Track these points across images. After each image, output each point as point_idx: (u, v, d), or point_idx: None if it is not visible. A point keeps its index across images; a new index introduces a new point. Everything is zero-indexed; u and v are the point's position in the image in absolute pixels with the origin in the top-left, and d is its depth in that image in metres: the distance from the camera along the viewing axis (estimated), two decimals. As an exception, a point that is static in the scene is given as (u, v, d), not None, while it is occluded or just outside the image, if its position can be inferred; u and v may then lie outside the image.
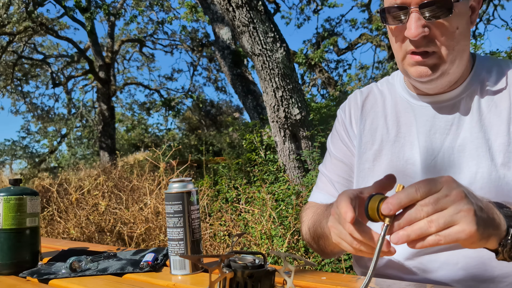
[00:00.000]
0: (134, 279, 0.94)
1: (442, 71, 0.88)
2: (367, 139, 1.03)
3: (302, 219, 1.12)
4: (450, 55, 0.86)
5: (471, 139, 0.89)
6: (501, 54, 7.95)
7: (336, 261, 2.86)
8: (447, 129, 0.93)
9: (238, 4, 4.28)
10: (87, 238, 3.72)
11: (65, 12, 11.79)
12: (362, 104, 1.07)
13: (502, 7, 11.51)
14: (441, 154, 0.92)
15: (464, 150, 0.90)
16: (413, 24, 0.83)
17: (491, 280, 0.86)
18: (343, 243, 0.69)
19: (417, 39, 0.85)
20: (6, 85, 14.01)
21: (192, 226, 0.92)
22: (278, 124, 4.58)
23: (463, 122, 0.91)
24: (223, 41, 7.53)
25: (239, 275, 0.69)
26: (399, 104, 1.01)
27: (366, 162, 1.02)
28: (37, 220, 1.09)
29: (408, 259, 0.93)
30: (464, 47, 0.89)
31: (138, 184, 4.43)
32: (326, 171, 1.13)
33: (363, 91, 1.11)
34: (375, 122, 1.04)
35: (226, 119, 16.31)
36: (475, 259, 0.86)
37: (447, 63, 0.87)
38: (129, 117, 21.01)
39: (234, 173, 5.67)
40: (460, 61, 0.89)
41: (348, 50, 13.37)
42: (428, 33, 0.85)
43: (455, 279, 0.88)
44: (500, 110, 0.89)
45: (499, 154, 0.86)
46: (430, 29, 0.85)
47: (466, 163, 0.89)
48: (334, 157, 1.12)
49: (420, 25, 0.83)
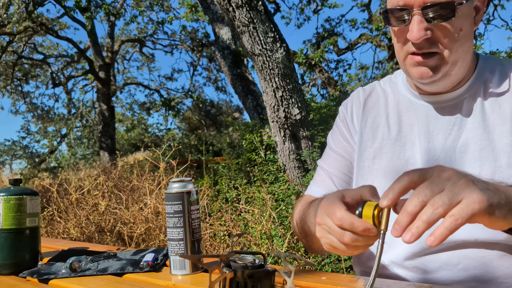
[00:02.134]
0: (134, 279, 0.94)
1: (444, 73, 0.88)
2: (368, 137, 1.03)
3: (293, 212, 1.12)
4: (453, 57, 0.86)
5: (474, 140, 0.89)
6: (501, 54, 7.95)
7: (336, 261, 2.86)
8: (449, 129, 0.92)
9: (238, 4, 4.28)
10: (87, 238, 3.72)
11: (65, 12, 11.79)
12: (364, 101, 1.07)
13: (502, 7, 11.49)
14: (442, 154, 0.91)
15: (467, 151, 0.89)
16: (415, 27, 0.83)
17: (492, 281, 0.86)
18: (333, 241, 0.67)
19: (419, 42, 0.84)
20: (6, 85, 14.01)
21: (192, 226, 0.92)
22: (278, 124, 4.58)
23: (465, 123, 0.91)
24: (223, 41, 7.53)
25: (239, 275, 0.69)
26: (401, 103, 1.01)
27: (366, 160, 1.01)
28: (37, 220, 1.09)
29: (408, 259, 0.92)
30: (468, 48, 0.89)
31: (138, 184, 4.43)
32: (325, 165, 1.12)
33: (366, 88, 1.10)
34: (377, 120, 1.03)
35: (226, 119, 16.31)
36: (476, 259, 0.86)
37: (449, 64, 0.87)
38: (129, 117, 21.01)
39: (234, 173, 5.67)
40: (463, 62, 0.89)
41: (348, 50, 13.37)
42: (431, 36, 0.84)
43: (456, 280, 0.88)
44: (503, 110, 0.89)
45: (504, 154, 0.86)
46: (433, 31, 0.84)
47: (469, 164, 0.88)
48: (334, 152, 1.11)
49: (423, 28, 0.83)
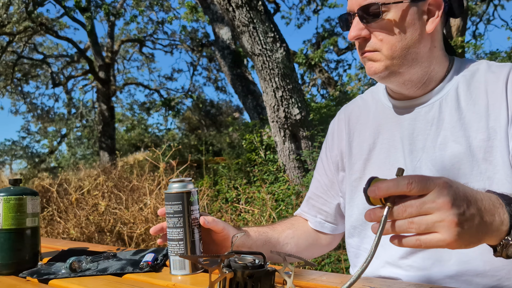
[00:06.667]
0: (134, 279, 0.94)
1: (390, 70, 0.94)
2: (356, 151, 1.08)
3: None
4: (393, 55, 0.92)
5: (452, 138, 0.92)
6: (501, 54, 7.95)
7: (336, 261, 2.86)
8: (427, 130, 0.96)
9: (238, 4, 4.28)
10: (87, 238, 3.72)
11: (65, 12, 11.80)
12: (348, 119, 1.14)
13: (502, 7, 11.53)
14: (424, 155, 0.95)
15: (446, 149, 0.93)
16: (352, 28, 0.94)
17: (484, 274, 0.89)
18: None
19: (357, 41, 0.95)
20: (6, 85, 14.02)
21: (192, 226, 0.92)
22: (278, 124, 4.58)
23: (442, 122, 0.95)
24: (223, 41, 7.54)
25: (239, 275, 0.69)
26: (382, 111, 1.06)
27: (356, 172, 1.07)
28: (37, 220, 1.08)
29: (402, 258, 0.95)
30: (417, 49, 0.93)
31: (138, 184, 4.43)
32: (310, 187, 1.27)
33: (349, 106, 1.18)
34: (362, 133, 1.08)
35: (226, 119, 16.30)
36: (467, 254, 0.88)
37: (392, 61, 0.93)
38: (129, 117, 21.02)
39: (234, 173, 5.67)
40: (414, 62, 0.94)
41: (348, 50, 13.38)
42: (369, 36, 0.93)
43: (449, 275, 0.90)
44: (478, 107, 0.92)
45: (480, 150, 0.89)
46: (370, 31, 0.93)
47: (448, 161, 0.92)
48: (315, 172, 1.25)
49: (358, 28, 0.93)
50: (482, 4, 11.39)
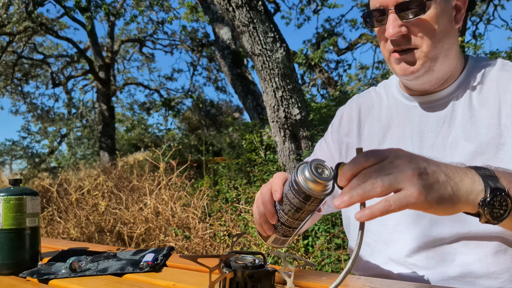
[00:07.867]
0: (134, 279, 0.94)
1: (426, 68, 0.92)
2: (365, 144, 1.07)
3: None
4: (432, 52, 0.91)
5: (463, 137, 0.92)
6: (501, 54, 7.95)
7: (336, 261, 2.86)
8: (439, 127, 0.96)
9: (238, 4, 4.28)
10: (87, 238, 3.72)
11: (65, 12, 11.78)
12: (359, 109, 1.12)
13: (502, 7, 11.52)
14: (434, 152, 0.95)
15: (457, 147, 0.92)
16: (390, 25, 0.89)
17: (487, 276, 0.88)
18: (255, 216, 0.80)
19: (395, 39, 0.91)
20: (6, 85, 14.01)
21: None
22: (278, 124, 4.58)
23: (454, 120, 0.94)
24: (223, 41, 7.53)
25: (239, 275, 0.69)
26: (394, 105, 1.05)
27: None
28: (37, 220, 1.09)
29: (407, 256, 0.95)
30: (449, 45, 0.93)
31: (138, 184, 4.43)
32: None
33: (361, 96, 1.16)
34: (373, 126, 1.07)
35: (226, 119, 16.29)
36: (471, 255, 0.88)
37: (429, 59, 0.91)
38: (129, 117, 21.01)
39: (234, 173, 5.67)
40: (445, 59, 0.93)
41: (348, 50, 13.38)
42: (407, 32, 0.90)
43: (452, 276, 0.90)
44: (490, 105, 0.92)
45: (492, 147, 0.89)
46: (408, 28, 0.90)
47: (459, 160, 0.91)
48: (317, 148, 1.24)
49: (397, 25, 0.89)
50: (482, 4, 11.39)
